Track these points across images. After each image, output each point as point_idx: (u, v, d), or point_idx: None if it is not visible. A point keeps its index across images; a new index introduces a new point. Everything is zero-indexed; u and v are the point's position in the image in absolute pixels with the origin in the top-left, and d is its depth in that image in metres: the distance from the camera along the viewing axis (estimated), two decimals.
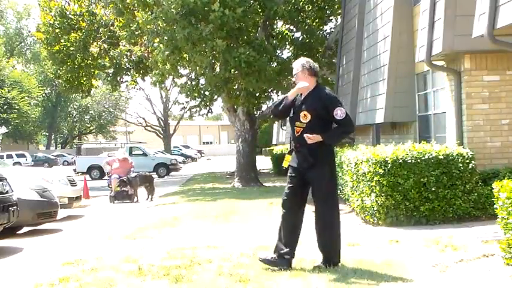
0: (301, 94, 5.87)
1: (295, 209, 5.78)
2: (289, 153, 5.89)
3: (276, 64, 18.27)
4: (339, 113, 5.64)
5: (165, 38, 17.09)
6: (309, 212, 5.89)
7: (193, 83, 19.76)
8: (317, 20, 21.05)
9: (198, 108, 21.93)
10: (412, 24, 12.18)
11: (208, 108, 22.24)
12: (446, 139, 9.91)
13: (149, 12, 17.50)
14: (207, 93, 19.55)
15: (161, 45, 17.45)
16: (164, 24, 17.01)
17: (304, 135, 5.63)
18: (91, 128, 71.83)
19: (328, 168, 5.73)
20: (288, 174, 5.90)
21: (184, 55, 17.88)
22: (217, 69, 17.91)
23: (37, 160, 53.17)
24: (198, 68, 17.95)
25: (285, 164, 5.91)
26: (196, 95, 19.41)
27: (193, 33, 16.37)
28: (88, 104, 66.90)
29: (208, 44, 16.61)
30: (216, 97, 20.64)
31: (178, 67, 19.42)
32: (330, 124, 5.74)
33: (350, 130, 5.91)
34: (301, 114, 5.73)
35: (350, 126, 5.83)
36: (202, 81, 19.56)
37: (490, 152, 9.27)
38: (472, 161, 8.37)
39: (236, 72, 17.32)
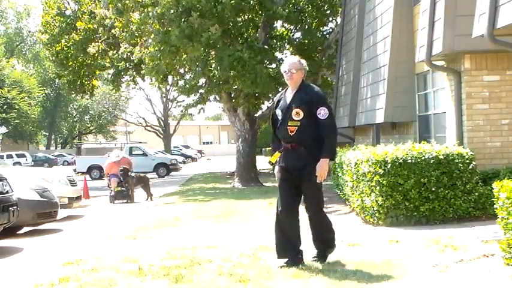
0: (291, 93, 5.83)
1: (293, 209, 5.81)
2: (280, 151, 5.85)
3: (272, 67, 18.20)
4: (322, 113, 5.62)
5: (158, 39, 17.16)
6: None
7: (189, 80, 19.75)
8: (317, 20, 21.03)
9: (192, 104, 21.89)
10: (412, 24, 12.17)
11: (201, 106, 22.20)
12: (446, 139, 9.91)
13: (143, 14, 17.49)
14: (201, 90, 19.58)
15: (151, 48, 17.56)
16: (159, 27, 17.06)
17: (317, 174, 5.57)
18: (91, 128, 71.80)
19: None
20: (279, 177, 5.88)
21: (184, 56, 17.87)
22: (213, 66, 17.86)
23: (37, 160, 53.11)
24: (191, 63, 17.93)
25: (273, 160, 5.90)
26: (191, 92, 19.42)
27: (187, 29, 16.39)
28: (88, 104, 66.88)
29: (204, 35, 16.61)
30: (211, 98, 20.66)
31: (177, 67, 19.42)
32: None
33: (332, 133, 5.71)
34: (293, 112, 5.68)
35: (332, 128, 5.70)
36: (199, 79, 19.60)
37: (490, 152, 9.28)
38: (472, 161, 8.36)
39: (232, 72, 17.27)
